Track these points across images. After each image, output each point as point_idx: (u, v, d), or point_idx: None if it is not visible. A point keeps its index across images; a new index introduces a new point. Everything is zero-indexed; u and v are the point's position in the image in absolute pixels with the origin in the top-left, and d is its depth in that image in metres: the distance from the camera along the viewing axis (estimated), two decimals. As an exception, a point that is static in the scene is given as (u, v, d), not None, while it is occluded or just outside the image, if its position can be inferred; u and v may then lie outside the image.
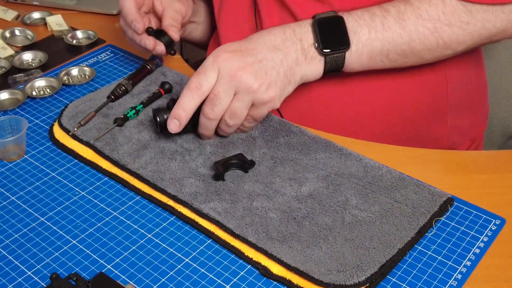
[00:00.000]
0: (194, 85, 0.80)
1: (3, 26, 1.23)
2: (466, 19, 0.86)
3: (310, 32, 0.85)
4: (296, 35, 0.85)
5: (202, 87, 0.80)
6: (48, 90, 1.03)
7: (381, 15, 0.86)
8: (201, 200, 0.78)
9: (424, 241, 0.74)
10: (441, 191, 0.79)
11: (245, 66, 0.80)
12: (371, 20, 0.85)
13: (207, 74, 0.80)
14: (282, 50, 0.83)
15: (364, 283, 0.67)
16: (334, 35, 0.85)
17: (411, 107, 0.97)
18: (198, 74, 0.81)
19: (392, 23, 0.85)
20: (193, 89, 0.80)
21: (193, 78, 0.81)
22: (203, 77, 0.80)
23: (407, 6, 0.86)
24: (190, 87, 0.80)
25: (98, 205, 0.80)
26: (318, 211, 0.76)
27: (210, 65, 0.80)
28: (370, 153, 0.86)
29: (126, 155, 0.85)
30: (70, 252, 0.73)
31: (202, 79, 0.80)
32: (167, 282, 0.69)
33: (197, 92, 0.80)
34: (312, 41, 0.85)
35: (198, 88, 0.80)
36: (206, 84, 0.80)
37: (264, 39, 0.84)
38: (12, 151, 0.88)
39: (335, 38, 0.85)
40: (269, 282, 0.69)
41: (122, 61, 1.11)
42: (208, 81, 0.80)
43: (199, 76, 0.80)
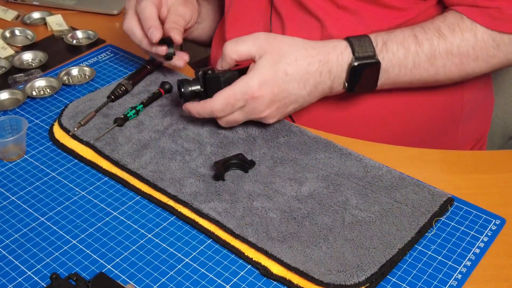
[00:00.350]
0: (217, 111, 0.84)
1: (3, 26, 1.23)
2: (493, 53, 0.87)
3: (344, 73, 0.86)
4: (331, 75, 0.85)
5: (223, 113, 0.84)
6: (48, 90, 1.03)
7: (414, 51, 0.86)
8: (201, 200, 0.78)
9: (424, 241, 0.74)
10: (441, 191, 0.79)
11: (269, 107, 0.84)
12: (404, 58, 0.86)
13: (234, 106, 0.83)
14: (309, 91, 0.85)
15: (364, 283, 0.67)
16: (365, 81, 0.86)
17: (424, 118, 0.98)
18: (226, 104, 0.83)
19: (423, 59, 0.87)
20: (215, 112, 0.84)
21: (220, 104, 0.83)
22: (229, 108, 0.84)
23: (440, 40, 0.86)
24: (213, 110, 0.84)
25: (98, 205, 0.80)
26: (318, 211, 0.76)
27: (240, 98, 0.83)
28: (370, 153, 0.86)
29: (126, 155, 0.85)
30: (70, 252, 0.73)
31: (227, 109, 0.84)
32: (167, 282, 0.69)
33: (218, 114, 0.85)
34: (343, 81, 0.86)
35: (220, 113, 0.84)
36: (229, 112, 0.84)
37: (300, 77, 0.84)
38: (12, 151, 0.88)
39: (365, 84, 0.87)
40: (269, 282, 0.69)
41: (122, 61, 1.11)
42: (232, 110, 0.84)
43: (226, 106, 0.83)
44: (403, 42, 0.86)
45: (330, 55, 0.85)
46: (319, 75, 0.85)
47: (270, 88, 0.83)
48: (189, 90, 0.87)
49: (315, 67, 0.85)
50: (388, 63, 0.86)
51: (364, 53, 0.85)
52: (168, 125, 0.91)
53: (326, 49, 0.85)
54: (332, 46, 0.86)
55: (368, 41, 0.85)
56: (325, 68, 0.85)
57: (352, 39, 0.86)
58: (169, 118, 0.93)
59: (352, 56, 0.85)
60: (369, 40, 0.85)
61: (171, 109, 0.95)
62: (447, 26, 0.87)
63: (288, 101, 0.85)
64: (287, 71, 0.83)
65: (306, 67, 0.84)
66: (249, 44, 0.84)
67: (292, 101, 0.86)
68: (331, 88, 0.87)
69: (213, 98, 0.84)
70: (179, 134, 0.89)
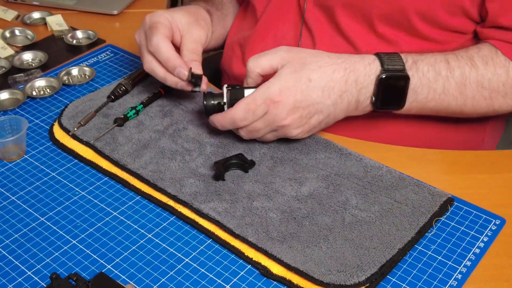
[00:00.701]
0: (239, 119, 0.81)
1: (3, 26, 1.23)
2: None
3: (372, 85, 0.82)
4: (357, 85, 0.82)
5: (245, 121, 0.82)
6: (48, 90, 1.03)
7: (445, 75, 0.84)
8: (201, 200, 0.78)
9: (424, 241, 0.74)
10: (441, 191, 0.79)
11: (291, 114, 0.81)
12: (434, 81, 0.83)
13: (256, 113, 0.81)
14: (334, 101, 0.82)
15: (364, 283, 0.67)
16: (394, 95, 0.83)
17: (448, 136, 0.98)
18: (247, 110, 0.80)
19: (453, 86, 0.84)
20: (237, 121, 0.82)
21: (241, 112, 0.81)
22: (250, 115, 0.81)
23: (472, 70, 0.84)
24: (235, 119, 0.82)
25: (98, 205, 0.80)
26: (318, 211, 0.76)
27: (261, 104, 0.80)
28: (370, 153, 0.86)
29: (126, 155, 0.85)
30: (70, 252, 0.73)
31: (249, 116, 0.81)
32: (167, 282, 0.69)
33: (240, 124, 0.82)
34: (370, 94, 0.83)
35: (242, 121, 0.82)
36: (251, 120, 0.82)
37: (324, 84, 0.81)
38: (12, 151, 0.87)
39: (393, 97, 0.83)
40: (269, 282, 0.69)
41: (122, 61, 1.11)
42: (254, 118, 0.81)
43: (248, 113, 0.81)
44: (434, 64, 0.84)
45: (357, 64, 0.82)
46: (345, 82, 0.81)
47: (292, 94, 0.80)
48: (211, 103, 0.84)
49: (340, 74, 0.81)
50: (418, 82, 0.83)
51: (394, 66, 0.82)
52: (168, 125, 0.91)
53: (352, 58, 0.83)
54: (359, 57, 0.83)
55: (397, 57, 0.83)
56: (351, 76, 0.81)
57: (380, 53, 0.83)
58: (169, 118, 0.93)
59: (381, 68, 0.82)
60: (398, 56, 0.83)
61: (171, 109, 0.95)
62: (480, 58, 0.85)
63: (312, 110, 0.81)
64: (311, 77, 0.80)
65: (330, 73, 0.81)
66: (270, 57, 0.82)
67: (316, 110, 0.82)
68: (357, 101, 0.83)
69: (234, 107, 0.81)
70: (179, 134, 0.89)
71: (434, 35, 0.90)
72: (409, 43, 0.91)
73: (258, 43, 1.01)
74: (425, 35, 0.90)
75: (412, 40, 0.91)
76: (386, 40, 0.91)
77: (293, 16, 0.98)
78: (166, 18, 0.90)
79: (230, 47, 1.08)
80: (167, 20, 0.90)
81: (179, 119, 0.93)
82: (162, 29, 0.88)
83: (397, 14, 0.88)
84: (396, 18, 0.89)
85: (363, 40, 0.92)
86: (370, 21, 0.90)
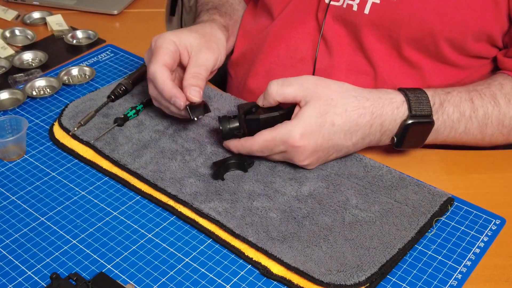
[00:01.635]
0: (257, 151, 0.80)
1: (3, 26, 1.23)
2: None
3: (397, 129, 0.81)
4: (382, 128, 0.80)
5: (262, 154, 0.81)
6: (48, 90, 1.03)
7: (468, 116, 0.83)
8: (201, 200, 0.78)
9: (424, 241, 0.74)
10: (441, 191, 0.79)
11: (311, 156, 0.79)
12: (457, 122, 0.83)
13: (274, 150, 0.79)
14: (354, 142, 0.80)
15: (364, 283, 0.67)
16: (415, 139, 0.82)
17: None
18: (265, 147, 0.79)
19: (475, 126, 0.84)
20: (254, 152, 0.81)
21: (259, 146, 0.79)
22: (268, 151, 0.80)
23: (495, 109, 0.83)
24: (252, 150, 0.81)
25: (98, 205, 0.80)
26: (318, 211, 0.76)
27: (280, 145, 0.78)
28: (370, 153, 0.86)
29: (126, 155, 0.85)
30: (70, 252, 0.73)
31: (266, 151, 0.80)
32: (167, 282, 0.69)
33: (257, 154, 0.81)
34: (392, 135, 0.81)
35: (259, 153, 0.81)
36: (268, 154, 0.81)
37: (347, 129, 0.78)
38: (12, 151, 0.87)
39: (414, 141, 0.82)
40: (269, 282, 0.69)
41: (122, 61, 1.11)
42: (271, 153, 0.81)
43: (266, 149, 0.80)
44: (459, 105, 0.82)
45: (385, 109, 0.79)
46: (369, 127, 0.79)
47: (314, 139, 0.77)
48: (228, 128, 0.82)
49: (365, 119, 0.79)
50: (441, 125, 0.82)
51: (421, 112, 0.79)
52: (168, 125, 0.91)
53: (381, 101, 0.79)
54: (388, 99, 0.80)
55: (425, 99, 0.80)
56: (377, 121, 0.79)
57: (409, 93, 0.80)
58: (169, 118, 0.93)
59: (409, 113, 0.79)
60: (426, 98, 0.80)
61: (171, 109, 0.95)
62: (503, 96, 0.84)
63: (332, 151, 0.80)
64: (335, 122, 0.78)
65: (356, 118, 0.78)
66: (295, 88, 0.78)
67: (335, 150, 0.80)
68: (378, 141, 0.82)
69: (254, 138, 0.80)
70: (179, 134, 0.89)
71: (458, 61, 0.91)
72: (432, 67, 0.91)
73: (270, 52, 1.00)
74: (449, 60, 0.90)
75: (435, 64, 0.91)
76: (409, 63, 0.91)
77: (309, 28, 0.97)
78: (172, 41, 0.86)
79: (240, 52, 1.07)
80: (172, 44, 0.86)
81: (179, 119, 0.93)
82: (162, 55, 0.85)
83: (426, 38, 0.88)
84: (424, 42, 0.89)
85: (385, 61, 0.92)
86: (396, 43, 0.90)
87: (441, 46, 0.89)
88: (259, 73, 1.02)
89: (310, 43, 0.97)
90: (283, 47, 0.99)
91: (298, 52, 0.98)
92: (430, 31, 0.87)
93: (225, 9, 1.06)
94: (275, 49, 1.00)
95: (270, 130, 0.78)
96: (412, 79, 0.92)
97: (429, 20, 0.87)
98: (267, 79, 0.83)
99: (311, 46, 0.97)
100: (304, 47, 0.97)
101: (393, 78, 0.92)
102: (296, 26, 0.98)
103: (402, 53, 0.91)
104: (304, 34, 0.97)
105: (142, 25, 1.27)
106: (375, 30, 0.90)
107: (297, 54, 0.98)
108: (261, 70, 1.02)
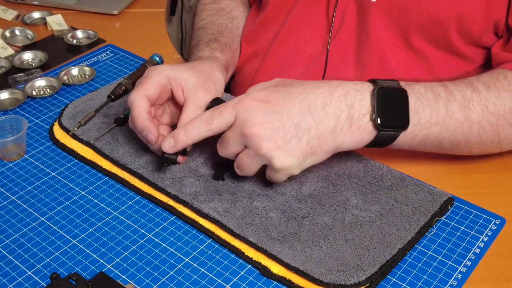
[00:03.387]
0: (206, 119, 0.74)
1: (3, 25, 1.23)
2: None
3: (368, 101, 0.74)
4: (347, 99, 0.73)
5: (212, 124, 0.74)
6: (48, 89, 1.03)
7: (445, 97, 0.77)
8: (201, 199, 0.78)
9: (424, 241, 0.74)
10: (441, 191, 0.79)
11: (262, 123, 0.71)
12: (435, 102, 0.76)
13: (222, 115, 0.73)
14: (316, 116, 0.72)
15: (364, 283, 0.67)
16: (394, 111, 0.74)
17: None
18: (215, 111, 0.74)
19: (456, 109, 0.77)
20: (203, 121, 0.74)
21: (209, 111, 0.75)
22: (217, 115, 0.74)
23: (473, 93, 0.78)
24: (202, 119, 0.75)
25: (98, 204, 0.80)
26: (318, 211, 0.76)
27: (230, 107, 0.73)
28: (370, 153, 0.86)
29: (126, 154, 0.85)
30: (70, 252, 0.73)
31: (215, 117, 0.74)
32: (167, 282, 0.69)
33: (206, 126, 0.74)
34: (367, 111, 0.74)
35: (209, 123, 0.74)
36: (218, 124, 0.74)
37: (303, 96, 0.73)
38: (12, 151, 0.88)
39: (394, 114, 0.74)
40: (269, 282, 0.69)
41: (122, 61, 1.11)
42: (221, 122, 0.74)
43: (214, 113, 0.74)
44: (431, 88, 0.78)
45: (346, 83, 0.75)
46: (330, 95, 0.73)
47: (267, 99, 0.72)
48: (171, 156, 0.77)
49: (324, 89, 0.74)
50: (417, 102, 0.76)
51: (387, 83, 0.75)
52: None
53: (339, 81, 0.76)
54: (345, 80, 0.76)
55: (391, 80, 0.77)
56: (339, 90, 0.74)
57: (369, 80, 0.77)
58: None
59: (373, 85, 0.75)
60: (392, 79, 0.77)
61: (171, 109, 0.95)
62: (481, 83, 0.80)
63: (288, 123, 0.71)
64: (290, 91, 0.73)
65: (313, 89, 0.74)
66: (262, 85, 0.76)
67: (293, 124, 0.72)
68: (349, 118, 0.73)
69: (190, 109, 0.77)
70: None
71: (467, 51, 0.90)
72: (439, 57, 0.91)
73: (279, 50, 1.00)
74: (458, 50, 0.90)
75: (443, 55, 0.91)
76: (416, 53, 0.91)
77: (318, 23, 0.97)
78: (165, 75, 0.82)
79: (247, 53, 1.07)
80: (164, 78, 0.81)
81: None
82: (146, 86, 0.80)
83: (434, 25, 0.88)
84: (432, 30, 0.88)
85: (392, 51, 0.91)
86: (404, 31, 0.90)
87: (449, 34, 0.88)
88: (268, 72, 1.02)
89: (319, 38, 0.97)
90: (292, 44, 0.99)
91: (307, 49, 0.98)
92: (438, 16, 0.87)
93: (225, 39, 1.02)
94: (284, 47, 1.00)
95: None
96: (419, 70, 0.92)
97: (436, 5, 0.86)
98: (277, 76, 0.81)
99: (321, 41, 0.97)
100: (314, 43, 0.98)
101: (400, 68, 0.92)
102: (306, 22, 0.98)
103: (410, 42, 0.90)
104: (313, 30, 0.98)
105: (142, 25, 1.27)
106: (383, 19, 0.90)
107: (307, 50, 0.98)
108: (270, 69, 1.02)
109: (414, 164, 0.86)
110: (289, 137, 0.71)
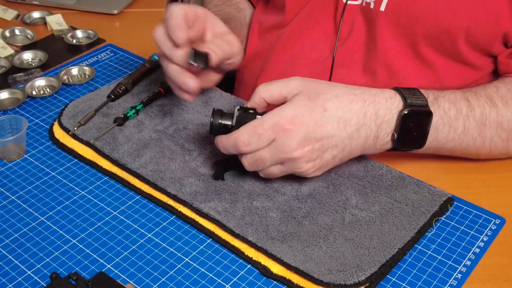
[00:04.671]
0: (243, 143, 0.73)
1: (3, 25, 1.23)
2: None
3: (394, 122, 0.76)
4: (377, 119, 0.75)
5: (249, 147, 0.74)
6: (48, 89, 1.03)
7: (466, 114, 0.79)
8: (201, 199, 0.78)
9: (424, 241, 0.74)
10: (441, 190, 0.79)
11: (303, 146, 0.73)
12: (455, 119, 0.79)
13: (261, 138, 0.73)
14: (351, 135, 0.75)
15: (364, 282, 0.67)
16: (415, 134, 0.77)
17: None
18: (253, 134, 0.73)
19: (473, 126, 0.80)
20: (240, 145, 0.74)
21: (246, 135, 0.73)
22: (255, 140, 0.73)
23: (492, 110, 0.80)
24: (238, 142, 0.74)
25: (98, 204, 0.80)
26: (318, 210, 0.76)
27: (269, 129, 0.72)
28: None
29: (126, 154, 0.85)
30: (70, 252, 0.73)
31: (253, 141, 0.73)
32: (167, 282, 0.69)
33: (243, 149, 0.74)
34: (391, 130, 0.77)
35: (245, 146, 0.74)
36: (256, 146, 0.74)
37: (340, 115, 0.74)
38: (12, 151, 0.88)
39: (414, 137, 0.77)
40: (269, 281, 0.69)
41: (122, 60, 1.11)
42: (259, 145, 0.73)
43: (253, 137, 0.73)
44: (455, 102, 0.79)
45: (377, 97, 0.76)
46: (363, 115, 0.75)
47: (305, 122, 0.72)
48: (218, 122, 0.77)
49: (358, 106, 0.75)
50: (439, 121, 0.78)
51: (417, 101, 0.76)
52: (168, 125, 0.91)
53: (372, 91, 0.77)
54: (379, 90, 0.77)
55: (418, 92, 0.78)
56: (370, 108, 0.75)
57: (400, 88, 0.78)
58: (169, 118, 0.93)
59: (404, 103, 0.76)
60: (419, 92, 0.78)
61: (171, 109, 0.95)
62: (500, 98, 0.81)
63: (326, 143, 0.74)
64: (326, 107, 0.73)
65: (348, 104, 0.74)
66: (281, 84, 0.76)
67: (330, 143, 0.74)
68: (376, 137, 0.76)
69: (239, 129, 0.74)
70: (179, 133, 0.89)
71: (475, 60, 0.90)
72: (447, 66, 0.90)
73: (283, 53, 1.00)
74: (465, 59, 0.90)
75: (450, 64, 0.90)
76: (424, 62, 0.91)
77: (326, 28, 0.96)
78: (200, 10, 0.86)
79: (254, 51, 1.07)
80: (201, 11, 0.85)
81: (179, 118, 0.93)
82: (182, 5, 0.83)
83: (442, 35, 0.88)
84: (440, 39, 0.88)
85: (399, 60, 0.91)
86: (412, 41, 0.89)
87: (458, 44, 0.88)
88: (271, 74, 1.02)
89: (326, 43, 0.97)
90: (297, 47, 0.99)
91: (313, 53, 0.98)
92: (447, 27, 0.87)
93: (233, 25, 1.03)
94: (289, 50, 1.00)
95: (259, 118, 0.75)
96: (427, 79, 0.92)
97: (445, 16, 0.86)
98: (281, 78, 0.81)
99: (328, 46, 0.97)
100: (320, 48, 0.97)
101: (408, 77, 0.91)
102: (313, 26, 0.98)
103: (418, 51, 0.90)
104: (320, 35, 0.97)
105: (142, 25, 1.27)
106: (391, 28, 0.90)
107: (312, 54, 0.98)
108: (274, 70, 1.02)
109: (414, 164, 0.86)
110: (326, 155, 0.75)
